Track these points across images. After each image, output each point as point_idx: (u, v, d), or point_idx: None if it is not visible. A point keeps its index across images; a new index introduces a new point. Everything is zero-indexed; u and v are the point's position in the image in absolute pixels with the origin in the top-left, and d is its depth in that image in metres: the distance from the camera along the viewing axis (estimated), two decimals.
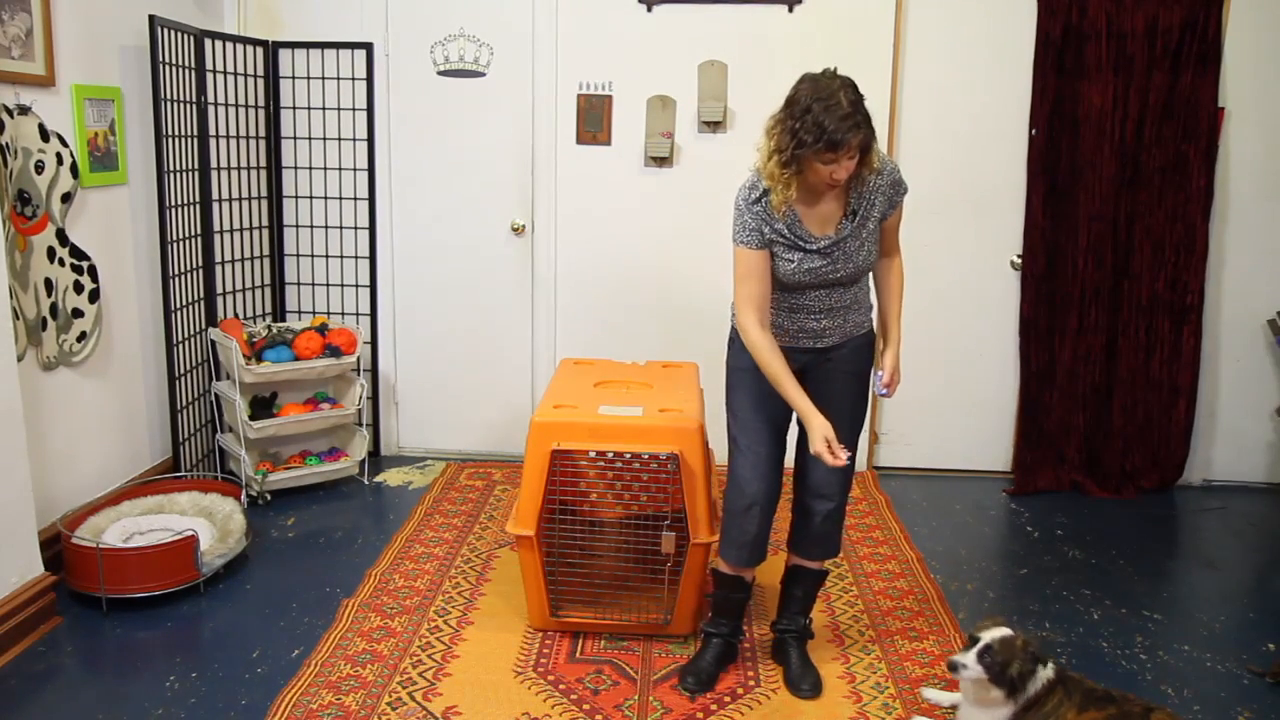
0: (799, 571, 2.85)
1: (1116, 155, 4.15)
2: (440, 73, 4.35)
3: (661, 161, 4.32)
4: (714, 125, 4.28)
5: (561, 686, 2.75)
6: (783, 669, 2.84)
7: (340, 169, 4.43)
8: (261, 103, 4.33)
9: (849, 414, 2.71)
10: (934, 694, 2.74)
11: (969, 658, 2.40)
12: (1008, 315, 4.39)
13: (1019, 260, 4.33)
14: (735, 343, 2.72)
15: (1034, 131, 4.19)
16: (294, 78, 4.36)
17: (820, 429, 2.51)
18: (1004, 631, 2.42)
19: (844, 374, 2.70)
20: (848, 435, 2.65)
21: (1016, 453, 4.44)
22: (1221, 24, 4.07)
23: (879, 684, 2.80)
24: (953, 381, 4.49)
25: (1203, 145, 4.13)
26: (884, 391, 2.69)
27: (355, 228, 4.48)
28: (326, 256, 4.51)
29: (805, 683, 2.76)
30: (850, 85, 2.38)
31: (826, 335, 2.66)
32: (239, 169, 4.23)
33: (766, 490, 2.70)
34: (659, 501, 2.92)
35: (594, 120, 4.32)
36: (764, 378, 2.59)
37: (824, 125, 2.31)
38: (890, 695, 2.75)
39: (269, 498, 4.05)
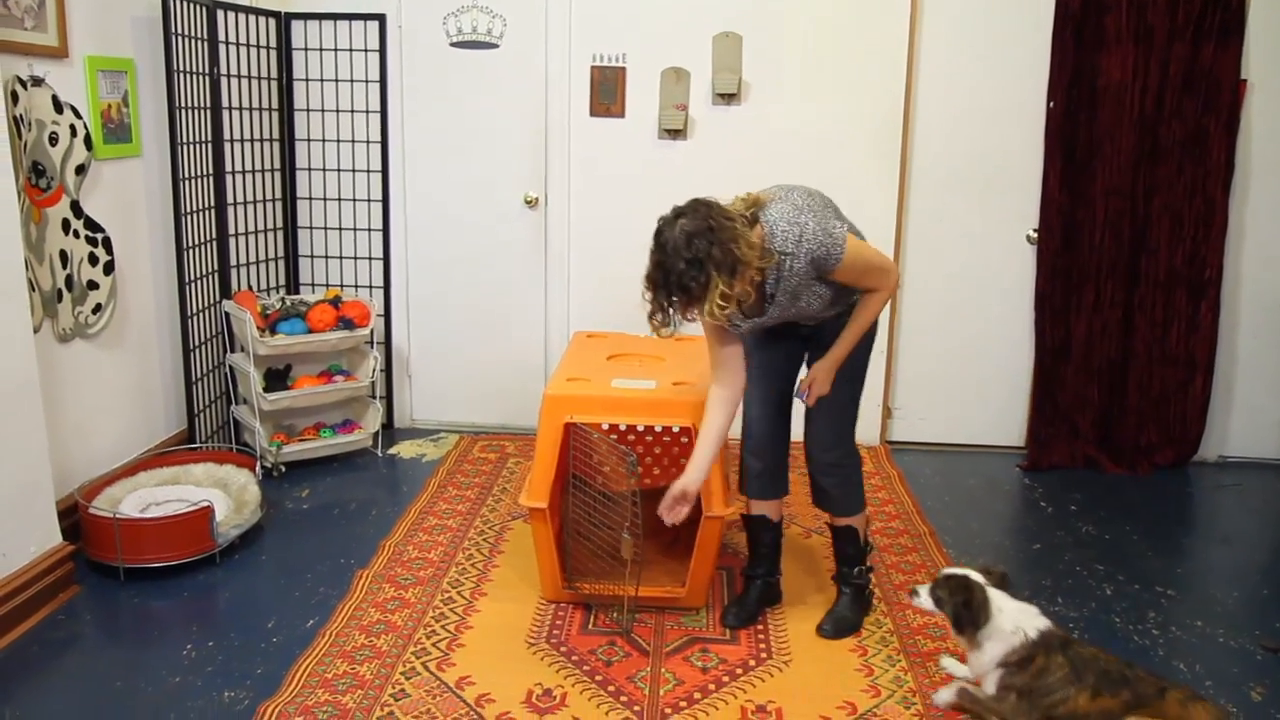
0: (830, 528, 2.99)
1: (1135, 128, 4.09)
2: (453, 44, 4.32)
3: (675, 134, 4.29)
4: (728, 97, 4.24)
5: (574, 658, 2.77)
6: None
7: (353, 141, 4.42)
8: (274, 74, 4.31)
9: (846, 366, 2.74)
10: (952, 664, 2.75)
11: (925, 588, 2.54)
12: (1023, 290, 4.36)
13: (1035, 234, 4.29)
14: None
15: (1051, 104, 4.14)
16: (306, 49, 4.34)
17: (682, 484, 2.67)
18: (961, 570, 2.51)
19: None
20: (837, 384, 2.75)
21: (1031, 428, 4.42)
22: None
23: (891, 657, 2.81)
24: (967, 356, 4.46)
25: (1224, 118, 4.07)
26: (801, 396, 2.77)
27: (369, 200, 4.47)
28: (340, 229, 4.51)
29: (826, 623, 2.91)
30: (687, 234, 2.39)
31: (818, 329, 2.77)
32: (252, 141, 4.23)
33: (770, 430, 2.87)
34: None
35: (608, 92, 4.29)
36: (753, 333, 2.71)
37: (668, 295, 2.39)
38: (902, 668, 2.75)
39: (283, 469, 4.07)
